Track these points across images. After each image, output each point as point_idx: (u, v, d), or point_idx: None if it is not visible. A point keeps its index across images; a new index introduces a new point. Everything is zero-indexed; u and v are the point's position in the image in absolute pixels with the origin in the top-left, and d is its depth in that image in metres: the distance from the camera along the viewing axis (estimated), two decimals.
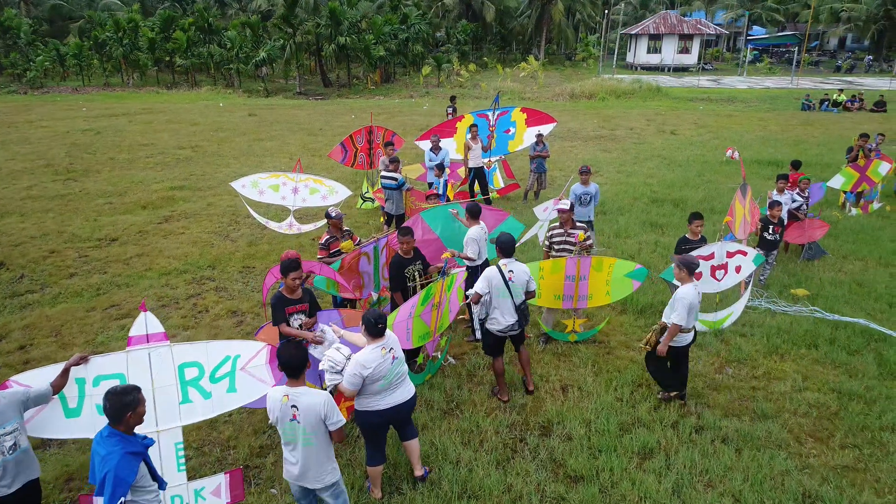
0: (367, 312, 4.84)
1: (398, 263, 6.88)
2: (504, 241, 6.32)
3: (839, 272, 9.81)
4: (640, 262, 10.04)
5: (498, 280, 6.19)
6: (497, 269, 6.23)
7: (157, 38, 41.84)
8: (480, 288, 6.16)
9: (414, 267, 6.86)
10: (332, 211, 7.82)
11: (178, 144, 20.85)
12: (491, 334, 6.42)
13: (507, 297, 6.25)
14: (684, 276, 6.21)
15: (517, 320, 6.33)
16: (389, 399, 4.91)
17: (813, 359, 7.22)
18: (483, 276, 6.20)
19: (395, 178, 10.30)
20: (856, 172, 12.27)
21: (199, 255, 10.65)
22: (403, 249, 6.85)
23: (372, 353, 4.73)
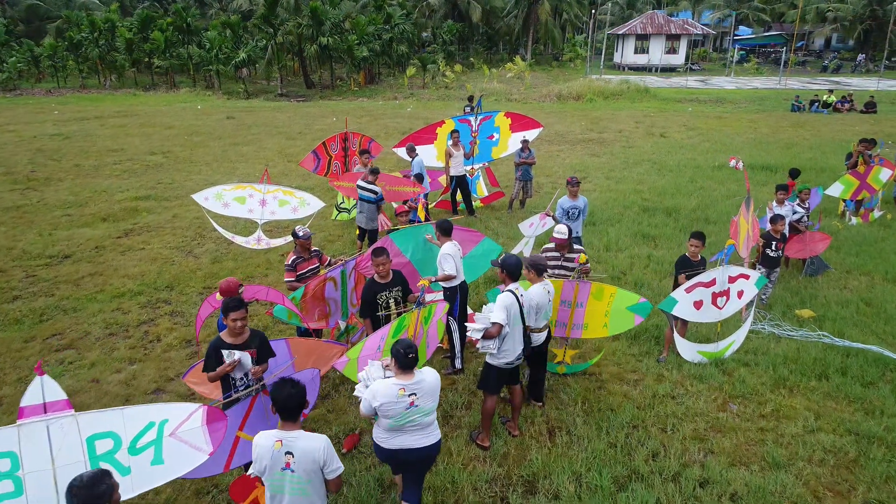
0: (398, 342, 4.33)
1: (371, 288, 6.14)
2: (512, 263, 5.62)
3: (844, 289, 9.18)
4: (632, 278, 9.44)
5: (516, 308, 5.50)
6: (513, 296, 5.51)
7: (134, 39, 40.74)
8: (501, 318, 5.34)
9: (390, 294, 6.12)
10: (300, 230, 7.07)
11: (149, 150, 19.95)
12: (496, 369, 5.66)
13: (520, 323, 5.59)
14: (532, 276, 5.88)
15: (523, 348, 5.69)
16: (397, 441, 4.43)
17: (824, 392, 6.56)
18: (500, 306, 5.41)
19: (374, 190, 9.56)
20: (855, 180, 11.68)
21: (156, 274, 9.83)
22: (379, 273, 6.10)
23: (386, 388, 4.28)
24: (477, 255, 7.83)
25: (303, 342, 5.81)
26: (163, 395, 6.59)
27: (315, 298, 6.53)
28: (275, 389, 3.89)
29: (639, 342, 7.62)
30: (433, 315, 6.00)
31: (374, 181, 9.74)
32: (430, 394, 4.39)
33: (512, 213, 12.91)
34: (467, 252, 7.79)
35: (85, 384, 6.79)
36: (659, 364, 7.12)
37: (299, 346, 5.71)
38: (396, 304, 6.12)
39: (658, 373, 6.96)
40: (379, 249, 6.09)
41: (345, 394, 6.56)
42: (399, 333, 5.61)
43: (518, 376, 5.88)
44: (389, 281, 6.14)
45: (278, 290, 6.44)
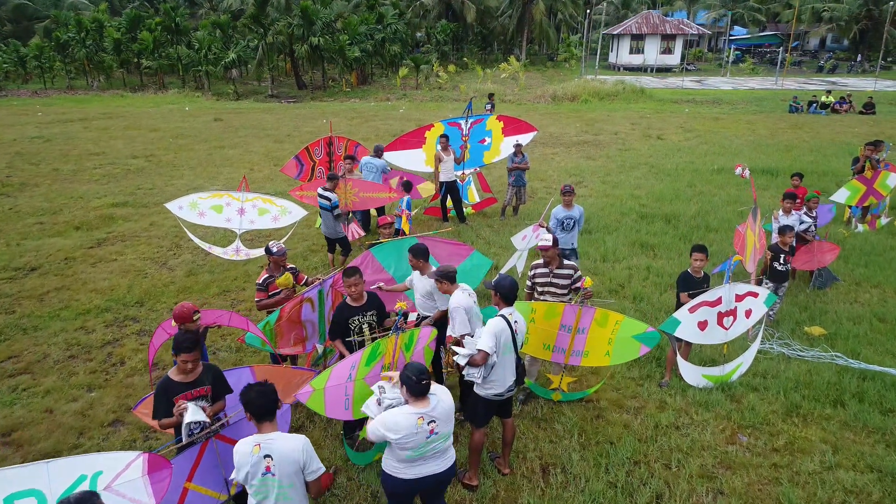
0: (407, 368, 4.03)
1: (342, 312, 5.58)
2: (505, 285, 5.07)
3: (855, 303, 8.69)
4: (630, 291, 8.93)
5: (507, 335, 4.97)
6: (505, 321, 4.98)
7: (122, 39, 40.05)
8: (489, 346, 4.83)
9: (363, 318, 5.56)
10: (273, 245, 6.51)
11: (131, 153, 19.34)
12: (484, 401, 5.13)
13: (512, 352, 5.06)
14: (447, 287, 5.52)
15: (515, 379, 5.17)
16: (419, 470, 4.13)
17: (841, 421, 6.05)
18: (489, 332, 4.89)
19: (328, 197, 9.03)
20: (862, 185, 11.19)
21: (127, 288, 9.26)
22: (351, 294, 5.54)
23: (405, 420, 3.95)
24: (466, 269, 7.30)
25: (269, 369, 5.28)
26: (121, 427, 6.03)
27: (291, 322, 5.99)
28: (242, 395, 3.78)
29: (639, 364, 7.09)
30: (416, 341, 5.46)
31: (332, 188, 9.19)
32: (448, 417, 4.12)
33: (505, 220, 12.38)
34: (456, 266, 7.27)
35: (37, 415, 6.22)
36: (661, 389, 6.60)
37: (266, 374, 5.17)
38: (371, 329, 5.56)
39: (660, 399, 6.44)
40: (351, 269, 5.52)
41: (320, 425, 6.02)
42: (374, 361, 5.08)
43: (510, 409, 5.35)
44: (363, 304, 5.58)
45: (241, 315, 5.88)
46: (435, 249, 7.23)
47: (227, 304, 8.75)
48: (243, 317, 5.64)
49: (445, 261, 7.24)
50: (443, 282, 5.57)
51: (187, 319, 4.91)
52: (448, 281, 5.62)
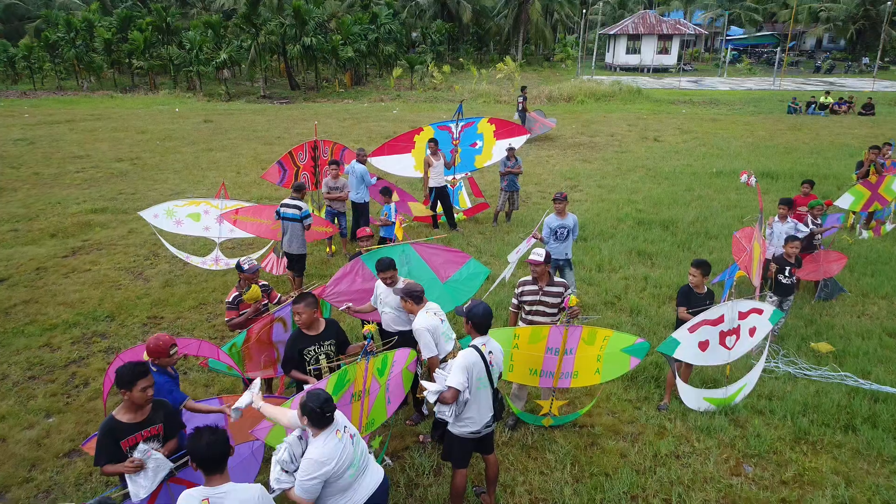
0: (307, 397, 3.64)
1: (295, 342, 5.06)
2: (478, 313, 4.58)
3: (862, 316, 8.28)
4: (627, 304, 8.51)
5: (480, 368, 4.51)
6: (478, 353, 4.52)
7: (113, 39, 39.52)
8: (458, 382, 4.38)
9: (320, 348, 5.05)
10: (245, 261, 6.07)
11: (116, 156, 18.85)
12: (459, 440, 4.68)
13: (487, 387, 4.60)
14: (411, 306, 5.23)
15: (493, 415, 4.72)
16: (363, 489, 3.82)
17: (853, 449, 5.63)
18: (459, 366, 4.42)
19: (298, 206, 8.53)
20: (867, 190, 10.78)
21: (98, 300, 8.80)
22: (301, 322, 5.01)
23: (327, 444, 3.62)
24: (462, 278, 6.88)
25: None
26: (77, 458, 5.58)
27: (261, 343, 5.55)
28: (191, 441, 3.39)
29: (636, 384, 6.67)
30: (391, 364, 5.03)
31: (300, 197, 8.70)
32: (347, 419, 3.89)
33: (497, 226, 11.95)
34: (451, 275, 6.86)
35: None
36: (660, 413, 6.18)
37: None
38: (328, 360, 5.07)
39: (659, 424, 6.01)
40: (302, 296, 5.01)
41: None
42: (342, 390, 4.65)
43: (491, 444, 4.89)
44: (320, 332, 5.06)
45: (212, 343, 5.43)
46: (430, 257, 6.83)
47: (202, 318, 8.30)
48: (214, 345, 5.18)
49: (440, 269, 6.84)
50: (407, 300, 5.19)
51: (163, 354, 4.45)
52: (413, 300, 5.22)
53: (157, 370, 4.39)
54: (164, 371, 4.47)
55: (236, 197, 14.06)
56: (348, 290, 6.35)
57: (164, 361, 4.52)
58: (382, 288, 5.83)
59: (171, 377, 4.54)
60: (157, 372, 4.36)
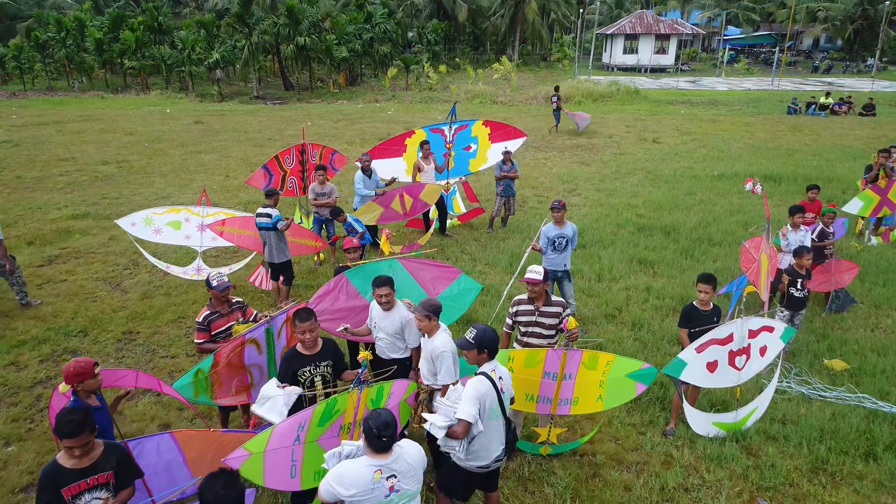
0: (371, 416, 3.40)
1: (290, 362, 4.67)
2: (490, 338, 4.14)
3: (877, 329, 7.87)
4: (629, 317, 8.10)
5: (493, 397, 4.11)
6: (489, 381, 4.10)
7: (104, 39, 38.96)
8: (470, 414, 3.95)
9: (316, 369, 4.66)
10: (214, 277, 5.58)
11: (102, 159, 18.36)
12: (465, 472, 4.27)
13: (499, 417, 4.20)
14: (430, 325, 4.72)
15: (504, 448, 4.30)
16: None
17: (875, 481, 5.22)
18: (471, 396, 3.99)
19: (268, 213, 8.08)
20: (876, 195, 10.39)
21: (72, 314, 8.34)
22: (304, 342, 4.62)
23: (360, 472, 3.37)
24: (452, 295, 6.45)
25: (195, 434, 4.39)
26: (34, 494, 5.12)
27: (231, 368, 5.10)
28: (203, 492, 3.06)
29: (640, 407, 6.25)
30: (388, 396, 4.61)
31: (272, 204, 8.22)
32: (413, 473, 3.50)
33: (492, 232, 11.52)
34: (440, 292, 6.43)
35: None
36: (666, 439, 5.75)
37: (192, 441, 4.31)
38: (325, 382, 4.67)
39: (666, 452, 5.59)
40: (304, 313, 4.62)
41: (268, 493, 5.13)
42: (330, 421, 4.25)
43: (496, 481, 4.48)
44: (317, 352, 4.67)
45: (151, 375, 4.99)
46: (418, 272, 6.40)
47: (181, 333, 7.85)
48: (152, 376, 4.75)
49: (429, 285, 6.41)
50: (431, 318, 4.68)
51: (88, 375, 4.01)
52: (436, 317, 4.75)
53: (76, 400, 3.96)
54: (82, 402, 4.02)
55: (224, 202, 13.69)
56: (331, 308, 5.93)
57: (90, 384, 4.11)
58: (377, 310, 5.39)
59: (97, 408, 4.10)
60: (75, 402, 3.93)
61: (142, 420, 6.08)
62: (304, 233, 9.09)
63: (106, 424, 4.18)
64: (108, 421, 4.21)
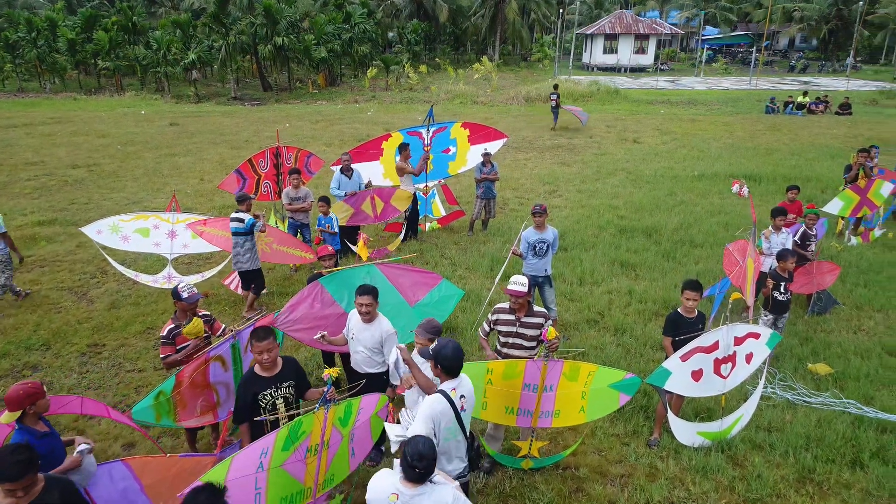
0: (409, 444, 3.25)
1: (249, 385, 4.38)
2: (448, 354, 3.96)
3: (859, 332, 7.81)
4: (611, 321, 7.96)
5: (449, 417, 3.92)
6: (446, 400, 3.92)
7: (77, 39, 38.13)
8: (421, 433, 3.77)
9: (277, 391, 4.41)
10: (184, 289, 5.32)
11: (72, 162, 17.86)
12: None
13: (459, 434, 4.02)
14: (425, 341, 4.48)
15: (467, 464, 4.13)
16: None
17: (863, 490, 5.11)
18: (424, 415, 3.84)
19: (240, 218, 7.80)
20: (856, 195, 10.41)
21: (34, 326, 7.99)
22: (263, 363, 4.36)
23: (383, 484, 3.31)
24: (433, 302, 6.27)
25: (151, 461, 4.13)
26: None
27: (195, 387, 4.85)
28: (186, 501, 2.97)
29: (623, 416, 6.08)
30: (357, 412, 4.39)
31: (244, 209, 7.92)
32: None
33: (473, 235, 11.33)
34: (420, 299, 6.24)
35: None
36: (651, 450, 5.60)
37: (147, 467, 4.06)
38: (287, 405, 4.42)
39: (650, 463, 5.43)
40: (262, 331, 4.34)
41: None
42: (295, 445, 4.01)
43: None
44: (276, 373, 4.41)
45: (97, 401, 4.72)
46: (396, 279, 6.19)
47: (149, 346, 7.55)
48: (99, 402, 4.48)
49: (408, 291, 6.21)
50: (434, 339, 4.43)
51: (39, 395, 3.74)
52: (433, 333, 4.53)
53: (21, 427, 3.70)
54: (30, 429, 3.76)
55: (198, 206, 13.36)
56: (305, 317, 5.68)
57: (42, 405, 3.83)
58: (356, 321, 5.16)
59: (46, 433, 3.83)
60: (21, 430, 3.67)
61: (104, 440, 5.78)
62: (292, 242, 8.74)
63: (57, 450, 3.91)
64: (59, 445, 3.94)
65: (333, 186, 10.11)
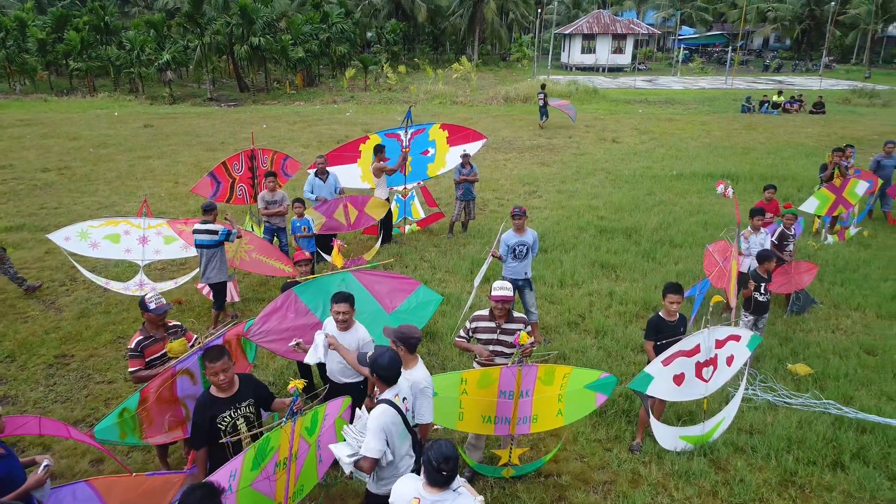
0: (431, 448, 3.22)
1: (204, 408, 4.14)
2: (384, 364, 3.89)
3: (837, 331, 7.85)
4: (592, 324, 7.90)
5: (399, 424, 3.88)
6: (393, 408, 3.85)
7: (48, 39, 37.30)
8: (376, 450, 3.74)
9: (236, 412, 4.19)
10: (151, 300, 5.12)
11: (42, 166, 17.41)
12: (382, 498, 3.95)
13: (406, 437, 3.97)
14: (403, 353, 4.22)
15: (414, 458, 4.08)
16: None
17: (845, 492, 5.09)
18: (375, 429, 3.75)
19: (213, 230, 7.46)
20: (831, 194, 10.50)
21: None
22: (218, 384, 4.11)
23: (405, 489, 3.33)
24: (410, 308, 6.14)
25: (116, 480, 3.96)
26: None
27: (162, 402, 4.67)
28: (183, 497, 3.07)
29: (605, 421, 6.03)
30: (323, 419, 4.28)
31: (211, 220, 7.58)
32: None
33: (453, 237, 11.23)
34: (397, 305, 6.11)
35: None
36: (633, 455, 5.54)
37: (113, 487, 3.89)
38: (249, 424, 4.23)
39: (633, 469, 5.37)
40: (215, 351, 4.12)
41: None
42: (265, 461, 3.88)
43: None
44: (235, 393, 4.19)
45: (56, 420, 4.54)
46: (373, 285, 6.06)
47: (119, 356, 7.32)
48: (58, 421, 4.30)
49: (385, 298, 6.07)
50: (401, 347, 4.26)
51: None
52: (409, 349, 4.31)
53: None
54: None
55: (172, 210, 13.08)
56: (278, 328, 5.52)
57: None
58: (332, 330, 5.02)
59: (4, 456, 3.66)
60: None
61: (71, 456, 5.58)
62: (273, 252, 8.43)
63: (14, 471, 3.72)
64: (16, 466, 3.75)
65: (307, 190, 9.93)
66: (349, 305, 4.90)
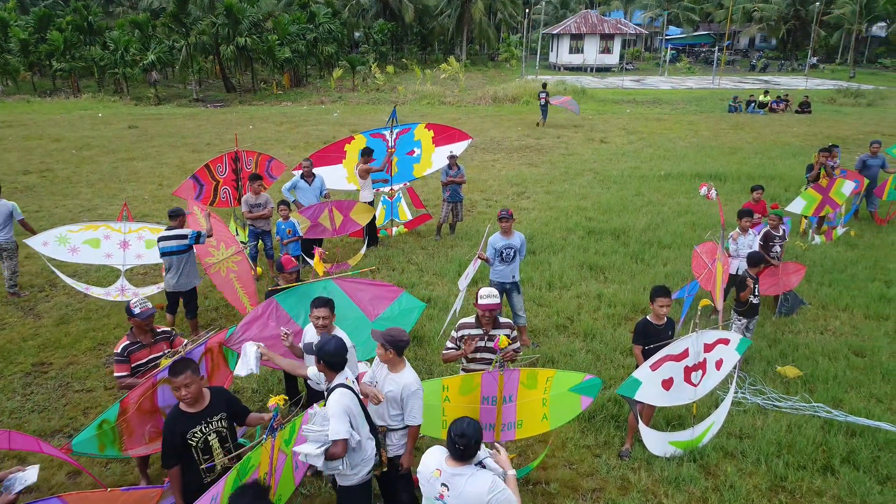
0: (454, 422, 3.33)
1: (173, 424, 3.91)
2: (330, 350, 3.94)
3: (826, 332, 7.83)
4: (581, 327, 7.84)
5: (357, 404, 3.95)
6: (349, 390, 3.90)
7: (30, 40, 36.79)
8: (344, 430, 3.76)
9: (208, 427, 3.99)
10: (137, 304, 4.98)
11: (24, 168, 17.13)
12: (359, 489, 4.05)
13: (365, 421, 4.06)
14: (391, 357, 4.22)
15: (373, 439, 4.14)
16: None
17: (835, 497, 5.05)
18: (338, 412, 3.77)
19: (182, 234, 7.23)
20: (818, 194, 10.51)
21: None
22: (185, 398, 3.88)
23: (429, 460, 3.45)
24: (393, 315, 6.01)
25: (90, 496, 3.82)
26: None
27: (143, 413, 4.54)
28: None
29: (594, 426, 5.95)
30: (299, 429, 4.18)
31: (178, 225, 7.36)
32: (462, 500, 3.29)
33: (440, 239, 11.13)
34: (380, 313, 5.98)
35: None
36: (622, 461, 5.47)
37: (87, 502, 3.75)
38: (222, 441, 4.05)
39: (622, 476, 5.30)
40: (179, 365, 3.92)
41: None
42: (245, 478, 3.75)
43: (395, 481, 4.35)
44: (205, 407, 3.99)
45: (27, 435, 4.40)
46: (355, 293, 5.94)
47: (99, 364, 7.17)
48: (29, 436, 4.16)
49: (367, 305, 5.95)
50: (389, 350, 4.18)
51: None
52: (397, 352, 4.22)
53: None
54: None
55: (155, 213, 12.89)
56: (259, 336, 5.38)
57: None
58: (312, 336, 4.90)
59: None
60: None
61: (48, 468, 5.41)
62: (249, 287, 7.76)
63: None
64: None
65: (286, 188, 9.80)
66: (329, 310, 4.80)
